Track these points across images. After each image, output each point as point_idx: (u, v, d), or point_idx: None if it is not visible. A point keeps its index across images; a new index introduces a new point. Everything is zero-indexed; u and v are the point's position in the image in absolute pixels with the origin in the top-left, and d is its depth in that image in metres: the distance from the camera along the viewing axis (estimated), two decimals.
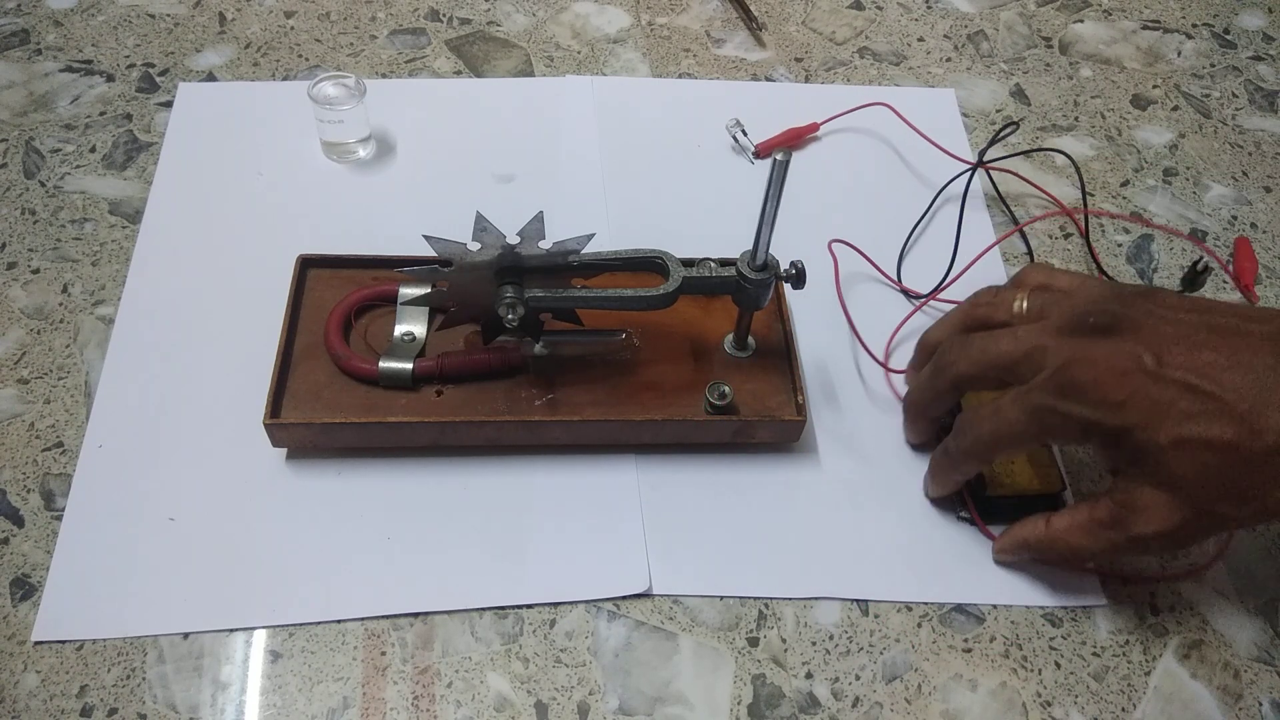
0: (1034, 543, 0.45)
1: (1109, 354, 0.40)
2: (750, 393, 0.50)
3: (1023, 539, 0.46)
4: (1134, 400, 0.39)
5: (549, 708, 0.42)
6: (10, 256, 0.56)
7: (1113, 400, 0.39)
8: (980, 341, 0.44)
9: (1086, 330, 0.41)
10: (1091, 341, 0.40)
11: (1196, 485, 0.39)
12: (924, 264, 0.59)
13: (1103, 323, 0.40)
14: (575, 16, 0.73)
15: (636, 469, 0.49)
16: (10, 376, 0.51)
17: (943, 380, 0.46)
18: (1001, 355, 0.43)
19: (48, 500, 0.47)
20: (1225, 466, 0.38)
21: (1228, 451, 0.38)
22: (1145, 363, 0.39)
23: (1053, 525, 0.45)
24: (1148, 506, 0.40)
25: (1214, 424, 0.38)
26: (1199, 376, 0.38)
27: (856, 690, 0.44)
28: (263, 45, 0.69)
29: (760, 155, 0.64)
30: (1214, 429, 0.38)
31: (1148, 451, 0.39)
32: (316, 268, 0.53)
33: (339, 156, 0.62)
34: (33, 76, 0.66)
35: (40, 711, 0.41)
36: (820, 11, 0.76)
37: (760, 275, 0.46)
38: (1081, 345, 0.40)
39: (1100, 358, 0.40)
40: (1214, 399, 0.38)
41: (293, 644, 0.43)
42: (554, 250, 0.45)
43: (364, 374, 0.48)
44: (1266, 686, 0.45)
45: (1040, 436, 0.42)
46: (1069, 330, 0.41)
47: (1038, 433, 0.42)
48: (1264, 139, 0.69)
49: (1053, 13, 0.77)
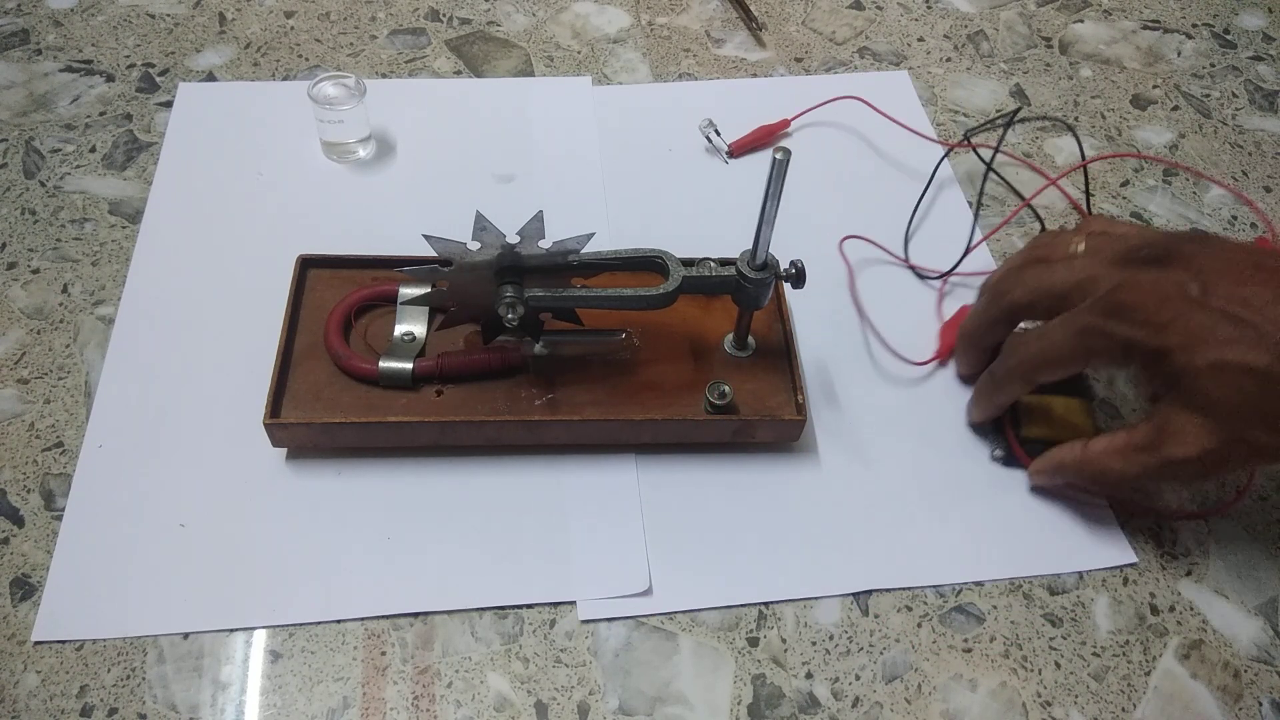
0: (1070, 464, 0.47)
1: (1156, 280, 0.41)
2: (750, 392, 0.50)
3: (1059, 460, 0.47)
4: (1176, 323, 0.40)
5: (549, 708, 0.42)
6: (10, 256, 0.56)
7: (1156, 322, 0.41)
8: (1035, 270, 0.46)
9: (1138, 261, 0.43)
10: (1141, 269, 0.42)
11: (1231, 410, 0.40)
12: (929, 246, 0.60)
13: (1154, 254, 0.42)
14: (575, 16, 0.73)
15: (637, 468, 0.49)
16: (10, 376, 0.51)
17: (996, 308, 0.48)
18: (1055, 284, 0.45)
19: (48, 500, 0.47)
20: (1260, 392, 0.39)
21: (1263, 378, 0.39)
22: (1190, 290, 0.40)
23: (1090, 448, 0.46)
24: (1183, 430, 0.41)
25: (1251, 350, 0.39)
26: (1241, 306, 0.40)
27: (856, 690, 0.44)
28: (263, 45, 0.69)
29: (733, 154, 0.64)
30: (1250, 355, 0.39)
31: (1186, 374, 0.40)
32: (317, 268, 0.53)
33: (339, 156, 0.62)
34: (33, 76, 0.66)
35: (40, 711, 0.41)
36: (820, 11, 0.76)
37: (760, 275, 0.46)
38: (1131, 272, 0.42)
39: (1148, 283, 0.41)
40: (1253, 328, 0.39)
41: (293, 644, 0.43)
42: (554, 250, 0.45)
43: (364, 374, 0.48)
44: (1266, 686, 0.45)
45: (1085, 357, 0.44)
46: (1121, 261, 0.43)
47: (1083, 353, 0.43)
48: (1264, 139, 0.69)
49: (1053, 13, 0.77)
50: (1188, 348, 0.40)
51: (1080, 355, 0.44)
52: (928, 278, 0.59)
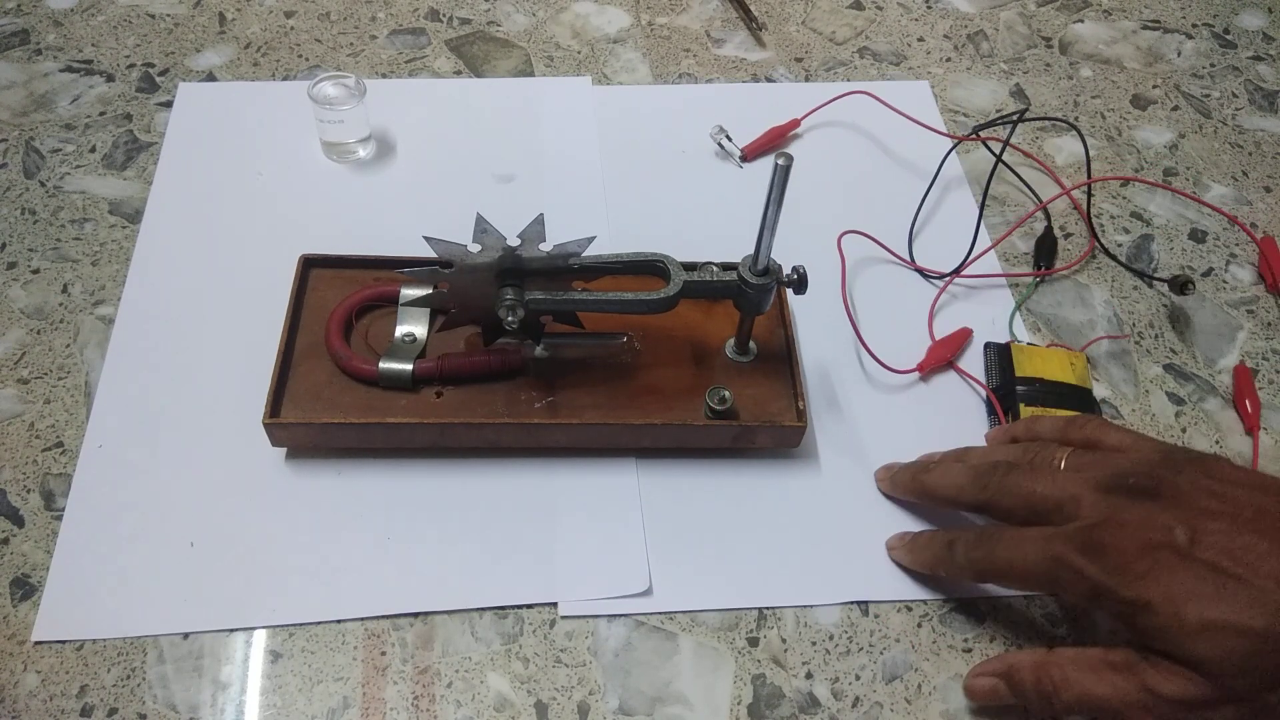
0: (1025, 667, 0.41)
1: (1141, 521, 0.37)
2: (751, 398, 0.50)
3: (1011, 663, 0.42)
4: (1154, 574, 0.36)
5: (549, 708, 0.42)
6: (10, 256, 0.56)
7: (1134, 571, 0.37)
8: (1020, 477, 0.42)
9: (1125, 491, 0.39)
10: (1128, 503, 0.38)
11: (1227, 670, 0.35)
12: (934, 247, 0.60)
13: (1144, 485, 0.38)
14: (575, 16, 0.73)
15: (637, 471, 0.49)
16: (10, 376, 0.51)
17: (972, 498, 0.44)
18: (1035, 496, 0.41)
19: (48, 500, 0.47)
20: (1259, 653, 0.35)
21: (1260, 639, 0.35)
22: (1177, 538, 0.36)
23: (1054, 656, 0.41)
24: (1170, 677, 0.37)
25: (1245, 610, 0.35)
26: (1231, 560, 0.35)
27: (856, 690, 0.44)
28: (263, 45, 0.69)
29: (747, 158, 0.64)
30: (1244, 615, 0.35)
31: (1168, 632, 0.36)
32: (319, 268, 0.53)
33: (339, 156, 0.62)
34: (33, 76, 0.66)
35: (40, 711, 0.41)
36: (820, 11, 0.76)
37: (761, 280, 0.46)
38: (1116, 506, 0.38)
39: (1131, 523, 0.37)
40: (1244, 584, 0.35)
41: (293, 644, 0.43)
42: (555, 253, 0.45)
43: (364, 374, 0.48)
44: None
45: (1050, 586, 0.40)
46: (1108, 488, 0.39)
47: (1050, 581, 0.39)
48: (1264, 139, 0.69)
49: (1053, 13, 0.77)
50: (1171, 601, 0.36)
51: (1047, 582, 0.40)
52: (931, 278, 0.59)
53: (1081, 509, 0.39)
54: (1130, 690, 0.37)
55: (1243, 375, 0.55)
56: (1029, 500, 0.41)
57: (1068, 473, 0.41)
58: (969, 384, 0.54)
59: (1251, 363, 0.56)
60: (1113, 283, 0.60)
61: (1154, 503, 0.38)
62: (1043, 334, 0.57)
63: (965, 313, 0.57)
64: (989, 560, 0.42)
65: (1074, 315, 0.58)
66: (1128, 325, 0.58)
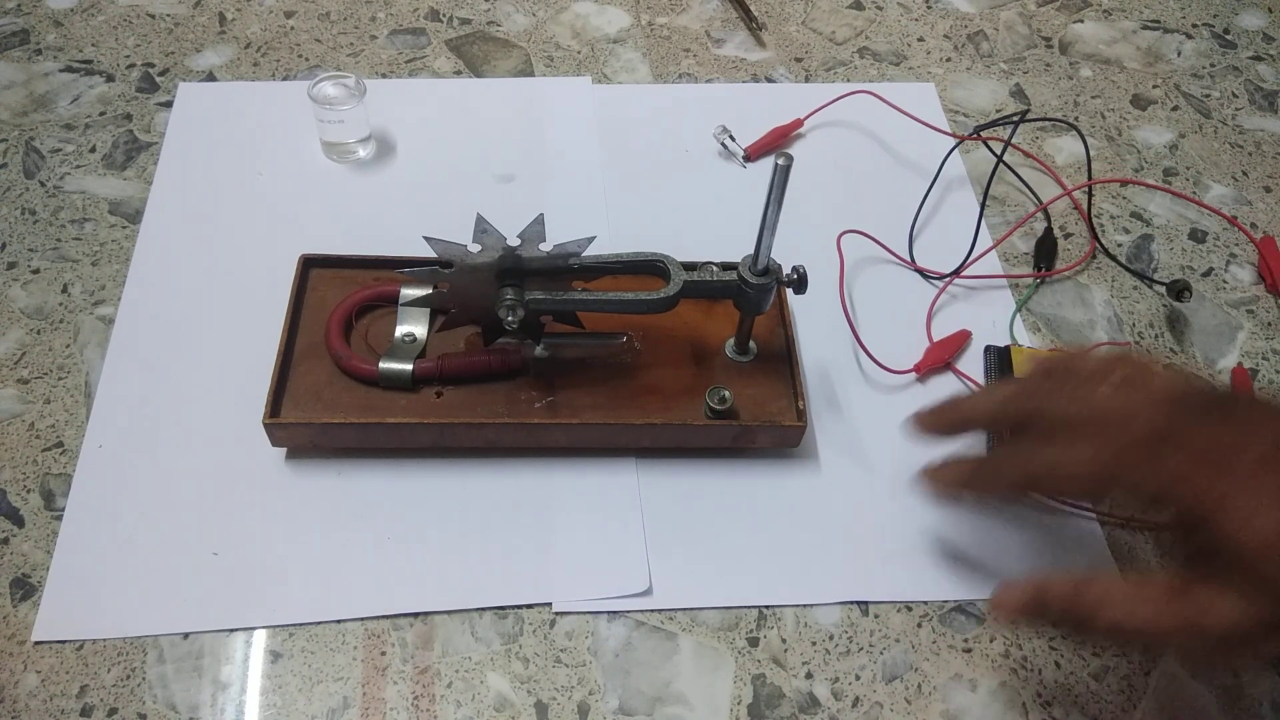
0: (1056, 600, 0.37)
1: (1214, 433, 0.35)
2: (751, 398, 0.50)
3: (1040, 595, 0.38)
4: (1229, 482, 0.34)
5: (549, 708, 0.42)
6: (10, 256, 0.56)
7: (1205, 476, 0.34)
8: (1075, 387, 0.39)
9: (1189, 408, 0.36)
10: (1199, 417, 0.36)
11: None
12: (934, 247, 0.60)
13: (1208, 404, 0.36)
14: (575, 16, 0.73)
15: (637, 470, 0.49)
16: (10, 376, 0.51)
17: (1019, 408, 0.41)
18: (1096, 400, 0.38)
19: (48, 500, 0.47)
20: None
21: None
22: (1253, 452, 0.34)
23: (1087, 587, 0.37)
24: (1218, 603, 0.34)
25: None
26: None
27: (856, 690, 0.44)
28: (263, 45, 0.69)
29: (750, 158, 0.64)
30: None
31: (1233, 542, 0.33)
32: (319, 267, 0.53)
33: (339, 156, 0.62)
34: (33, 76, 0.66)
35: (40, 711, 0.41)
36: (820, 11, 0.76)
37: (761, 280, 0.46)
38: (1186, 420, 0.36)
39: (1204, 433, 0.35)
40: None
41: (293, 644, 0.43)
42: (555, 253, 0.45)
43: (364, 374, 0.48)
44: (1267, 687, 0.45)
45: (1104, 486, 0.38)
46: (1170, 402, 0.37)
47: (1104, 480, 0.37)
48: (1264, 139, 0.69)
49: (1053, 13, 0.77)
50: (1242, 511, 0.33)
51: (1102, 480, 0.37)
52: (931, 278, 0.58)
53: (1137, 420, 0.36)
54: (1174, 616, 0.35)
55: (1242, 376, 0.55)
56: (1089, 405, 0.38)
57: (1126, 387, 0.38)
58: (967, 386, 0.54)
59: (1251, 363, 0.56)
60: (1113, 283, 0.60)
61: (1224, 423, 0.36)
62: (1043, 334, 0.57)
63: (965, 313, 0.57)
64: (1030, 461, 0.39)
65: (1074, 315, 0.58)
66: (1128, 326, 0.58)
